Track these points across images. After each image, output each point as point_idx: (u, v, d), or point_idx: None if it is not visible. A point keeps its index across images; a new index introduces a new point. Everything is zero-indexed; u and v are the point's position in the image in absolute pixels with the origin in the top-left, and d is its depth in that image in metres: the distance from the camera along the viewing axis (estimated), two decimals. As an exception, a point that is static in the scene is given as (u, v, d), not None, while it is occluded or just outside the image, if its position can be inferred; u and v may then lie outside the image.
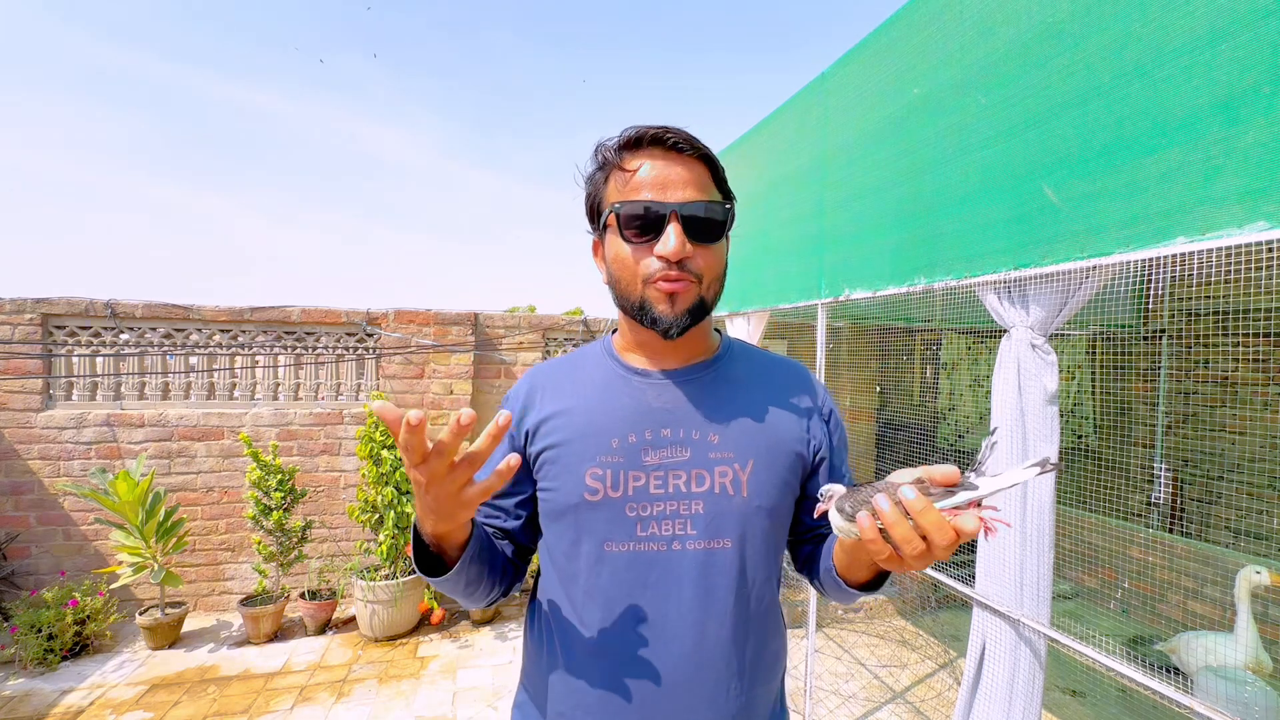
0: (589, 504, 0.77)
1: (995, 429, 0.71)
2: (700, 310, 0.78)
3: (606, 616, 0.76)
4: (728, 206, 0.78)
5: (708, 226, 0.76)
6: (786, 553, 0.92)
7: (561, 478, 0.79)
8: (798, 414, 0.84)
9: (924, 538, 0.55)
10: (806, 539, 0.90)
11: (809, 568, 0.90)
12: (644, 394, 0.81)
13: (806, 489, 0.86)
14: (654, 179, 0.74)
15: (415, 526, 0.71)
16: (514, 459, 0.60)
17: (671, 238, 0.73)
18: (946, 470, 0.57)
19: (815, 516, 0.69)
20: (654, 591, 0.76)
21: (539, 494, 0.83)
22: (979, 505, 0.56)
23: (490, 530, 0.87)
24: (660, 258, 0.74)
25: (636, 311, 0.78)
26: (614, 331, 0.91)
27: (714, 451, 0.78)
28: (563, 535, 0.80)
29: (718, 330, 0.92)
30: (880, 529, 0.57)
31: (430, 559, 0.73)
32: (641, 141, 0.76)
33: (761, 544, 0.79)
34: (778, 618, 0.86)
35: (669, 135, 0.74)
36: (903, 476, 0.60)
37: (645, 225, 0.74)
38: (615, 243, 0.77)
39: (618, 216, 0.75)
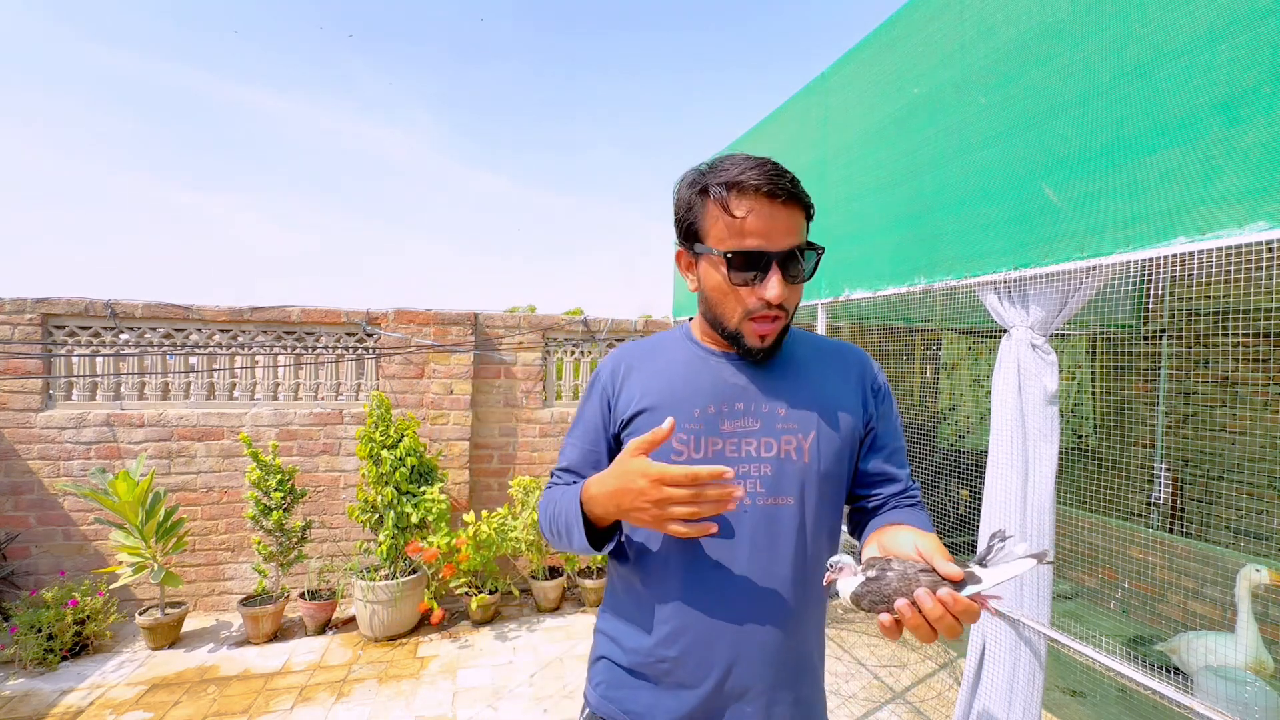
0: (675, 464, 0.84)
1: (1009, 535, 0.76)
2: (782, 336, 0.90)
3: (687, 558, 0.89)
4: (818, 253, 0.88)
5: (802, 270, 0.86)
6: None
7: None
8: (853, 390, 0.96)
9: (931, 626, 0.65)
10: (857, 504, 1.01)
11: (856, 534, 1.03)
12: (721, 372, 0.93)
13: (860, 455, 0.98)
14: (761, 228, 0.82)
15: (585, 518, 0.86)
16: (670, 423, 0.77)
17: (775, 285, 0.83)
18: (952, 569, 0.65)
19: (824, 584, 0.78)
20: (726, 538, 0.88)
21: None
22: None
23: None
24: (762, 300, 0.84)
25: (729, 336, 0.90)
26: (690, 319, 1.03)
27: (780, 423, 0.90)
28: None
29: None
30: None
31: (596, 534, 0.88)
32: (748, 186, 0.82)
33: (819, 502, 0.90)
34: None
35: (779, 192, 0.81)
36: (904, 553, 0.69)
37: (751, 269, 0.83)
38: (716, 275, 0.86)
39: (727, 260, 0.83)
